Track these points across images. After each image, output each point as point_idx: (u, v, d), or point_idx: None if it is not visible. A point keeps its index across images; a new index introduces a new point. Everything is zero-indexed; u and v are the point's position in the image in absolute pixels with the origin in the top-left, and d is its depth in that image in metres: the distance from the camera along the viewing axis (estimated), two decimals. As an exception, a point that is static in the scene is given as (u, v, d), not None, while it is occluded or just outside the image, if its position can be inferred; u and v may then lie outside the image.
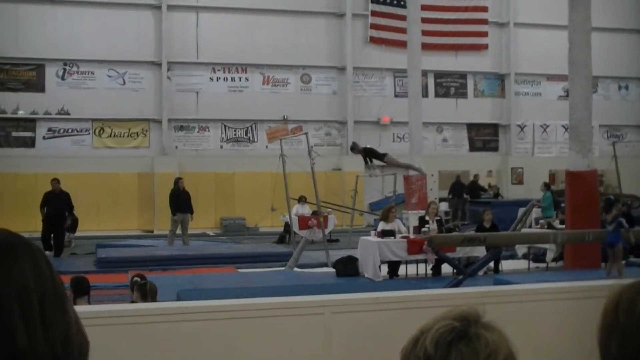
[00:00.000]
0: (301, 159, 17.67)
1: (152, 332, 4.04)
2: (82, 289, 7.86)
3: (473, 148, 29.62)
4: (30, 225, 22.12)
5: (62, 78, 25.27)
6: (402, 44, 21.79)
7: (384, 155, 17.51)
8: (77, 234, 20.22)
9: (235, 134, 26.85)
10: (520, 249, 16.35)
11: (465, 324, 1.31)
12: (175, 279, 13.14)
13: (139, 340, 4.01)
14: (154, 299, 7.46)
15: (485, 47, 29.35)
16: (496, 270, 14.53)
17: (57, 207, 17.71)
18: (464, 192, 26.58)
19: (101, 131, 25.60)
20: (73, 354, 1.02)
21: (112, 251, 17.17)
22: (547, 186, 19.16)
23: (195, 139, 26.51)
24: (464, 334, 1.30)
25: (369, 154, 17.55)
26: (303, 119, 26.99)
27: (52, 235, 17.71)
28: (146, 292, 7.29)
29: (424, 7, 21.18)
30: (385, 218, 14.84)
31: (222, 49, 26.12)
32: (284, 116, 26.77)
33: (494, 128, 29.97)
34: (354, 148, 17.80)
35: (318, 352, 4.25)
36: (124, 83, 25.78)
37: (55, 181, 18.21)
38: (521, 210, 18.99)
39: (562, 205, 16.91)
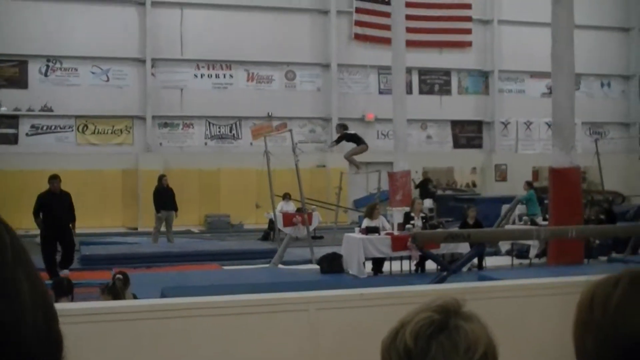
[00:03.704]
0: (285, 156, 17.65)
1: (137, 330, 4.03)
2: (62, 290, 7.91)
3: (457, 145, 29.72)
4: (15, 223, 21.71)
5: (45, 74, 25.13)
6: (387, 41, 21.80)
7: (364, 143, 17.65)
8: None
9: (219, 131, 26.80)
10: (504, 246, 16.44)
11: (444, 316, 1.31)
12: (160, 276, 13.11)
13: (123, 337, 4.00)
14: (124, 293, 7.42)
15: (469, 44, 29.45)
16: (480, 266, 14.59)
17: (59, 212, 13.13)
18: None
19: (85, 128, 25.48)
20: (28, 348, 0.94)
21: (96, 248, 17.10)
22: (529, 185, 19.26)
23: (180, 135, 26.45)
24: (444, 326, 1.30)
25: (351, 139, 17.66)
26: (287, 116, 26.94)
27: (56, 250, 13.36)
28: (117, 292, 7.21)
29: (408, 4, 21.21)
30: (370, 215, 14.86)
31: (206, 45, 26.06)
32: (268, 113, 26.74)
33: (478, 125, 30.08)
34: (342, 125, 17.93)
35: (303, 349, 4.25)
36: (108, 80, 25.67)
37: (54, 179, 13.58)
38: (505, 208, 19.09)
39: (546, 202, 17.00)
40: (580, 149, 22.02)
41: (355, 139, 17.69)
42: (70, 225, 13.50)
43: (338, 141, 17.93)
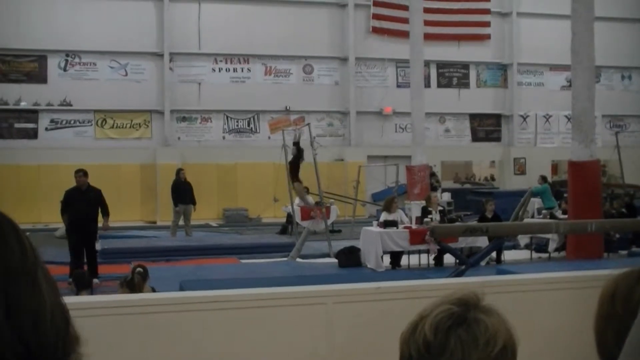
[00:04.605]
0: (303, 150, 17.65)
1: (155, 323, 4.05)
2: (83, 283, 7.98)
3: (475, 138, 29.60)
4: (34, 217, 22.20)
5: (64, 69, 25.26)
6: (405, 34, 21.73)
7: (296, 176, 16.72)
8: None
9: (237, 125, 26.84)
10: (523, 240, 16.35)
11: (464, 308, 1.31)
12: (178, 270, 13.18)
13: (141, 330, 4.02)
14: (143, 287, 7.47)
15: (487, 37, 29.28)
16: (498, 260, 14.53)
17: (84, 209, 12.56)
18: None
19: (103, 122, 25.61)
20: (47, 341, 0.98)
21: (115, 242, 17.19)
22: (544, 179, 19.13)
23: (198, 130, 26.51)
24: (463, 319, 1.29)
25: (295, 162, 16.68)
26: (305, 110, 26.97)
27: (82, 251, 12.68)
28: (134, 286, 7.25)
29: (426, -3, 21.13)
30: (388, 208, 14.84)
31: (224, 39, 26.08)
32: (286, 107, 26.75)
33: (497, 118, 29.93)
34: (298, 145, 16.82)
35: (320, 342, 4.26)
36: (126, 74, 25.77)
37: (80, 173, 12.90)
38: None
39: (565, 195, 16.88)
40: (600, 142, 21.90)
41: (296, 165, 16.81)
42: (102, 223, 13.04)
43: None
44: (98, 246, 14.09)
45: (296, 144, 16.76)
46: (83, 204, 12.57)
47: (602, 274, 5.03)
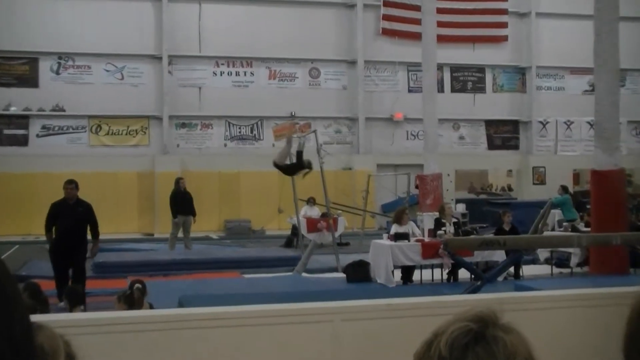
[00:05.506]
0: (310, 158, 17.67)
1: (153, 340, 4.05)
2: (76, 299, 8.01)
3: (492, 146, 29.58)
4: (24, 228, 22.24)
5: (57, 72, 25.37)
6: (416, 36, 21.77)
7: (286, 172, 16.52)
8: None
9: (240, 132, 26.89)
10: (543, 254, 16.30)
11: (482, 325, 1.31)
12: (177, 285, 13.18)
13: (138, 348, 4.02)
14: (142, 303, 7.50)
15: (504, 38, 29.30)
16: (517, 275, 14.48)
17: (72, 225, 11.67)
18: None
19: (98, 128, 25.69)
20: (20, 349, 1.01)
21: (110, 255, 17.19)
22: (565, 189, 19.12)
23: (198, 136, 26.58)
24: (481, 337, 1.29)
25: (293, 168, 16.29)
26: (311, 116, 27.01)
27: (67, 270, 11.70)
28: (132, 301, 7.28)
29: (440, -3, 21.16)
30: (399, 220, 14.81)
31: (226, 42, 26.16)
32: (291, 113, 26.79)
33: (514, 125, 29.91)
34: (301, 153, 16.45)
35: (327, 362, 4.25)
36: (123, 78, 25.86)
37: (72, 185, 12.07)
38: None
39: (587, 206, 16.84)
40: (625, 150, 21.85)
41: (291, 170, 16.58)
42: (92, 242, 12.04)
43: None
44: (90, 261, 13.88)
45: (299, 152, 16.61)
46: (71, 219, 11.71)
47: (628, 291, 5.00)
